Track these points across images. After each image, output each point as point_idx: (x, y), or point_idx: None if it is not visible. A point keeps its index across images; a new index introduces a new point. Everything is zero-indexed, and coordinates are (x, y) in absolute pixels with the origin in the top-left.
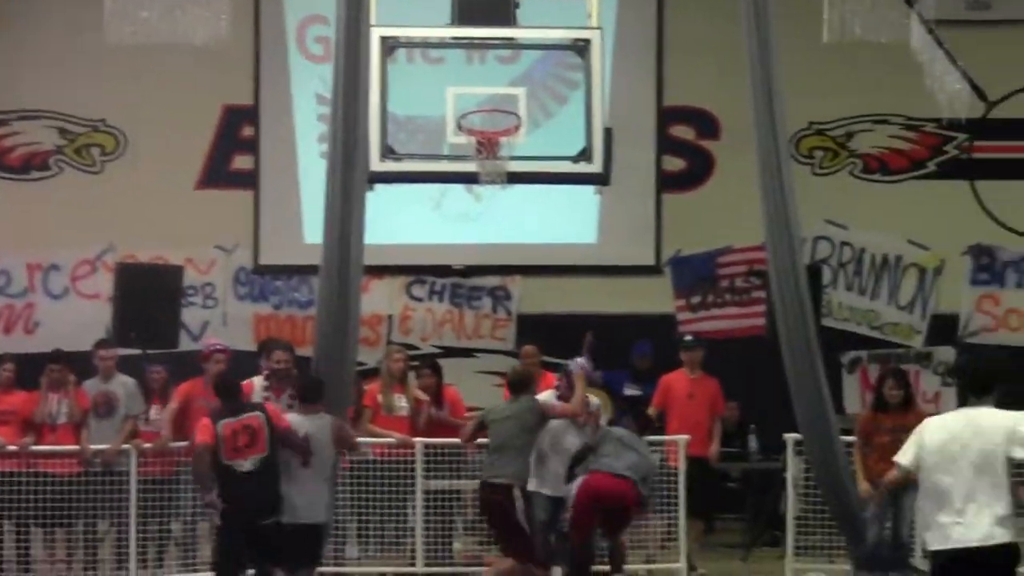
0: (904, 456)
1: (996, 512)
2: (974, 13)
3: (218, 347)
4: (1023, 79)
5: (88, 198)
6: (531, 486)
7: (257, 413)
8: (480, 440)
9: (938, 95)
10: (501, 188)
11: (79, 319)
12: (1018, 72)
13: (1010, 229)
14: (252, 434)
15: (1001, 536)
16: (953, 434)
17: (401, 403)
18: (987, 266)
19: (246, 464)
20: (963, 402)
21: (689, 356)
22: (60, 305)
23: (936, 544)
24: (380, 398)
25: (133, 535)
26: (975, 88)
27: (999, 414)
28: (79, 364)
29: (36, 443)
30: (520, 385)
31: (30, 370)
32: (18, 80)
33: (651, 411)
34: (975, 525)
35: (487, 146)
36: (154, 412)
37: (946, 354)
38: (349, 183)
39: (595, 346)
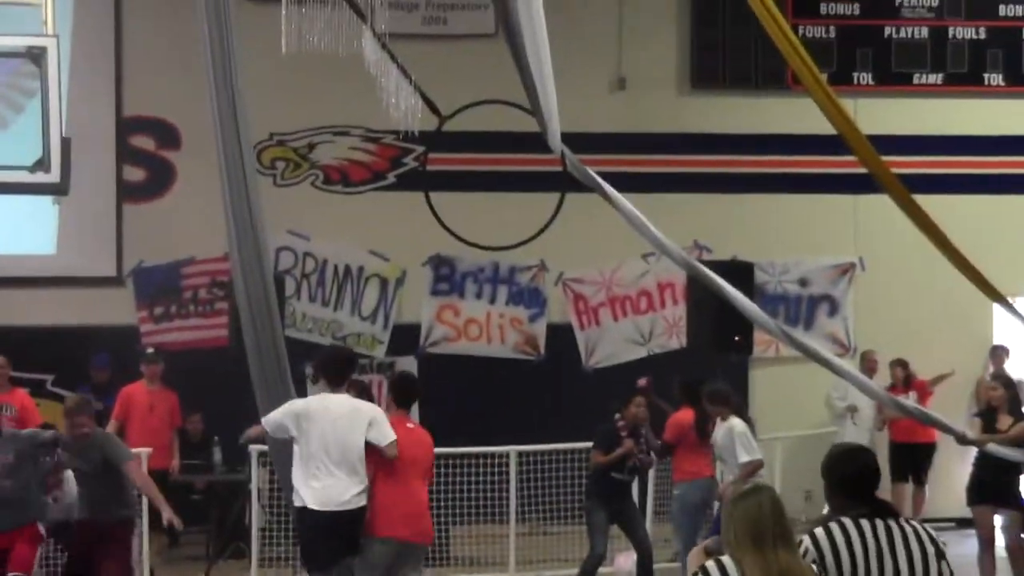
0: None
1: None
2: (429, 28)
3: None
4: (476, 93)
5: None
6: None
7: None
8: None
9: (392, 108)
10: None
11: None
12: (471, 86)
13: (466, 241)
14: None
15: None
16: None
17: None
18: (447, 276)
19: None
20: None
21: (149, 368)
22: None
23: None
24: None
25: None
26: (428, 102)
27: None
28: None
29: None
30: None
31: None
32: None
33: (112, 424)
34: None
35: None
36: None
37: (409, 364)
38: None
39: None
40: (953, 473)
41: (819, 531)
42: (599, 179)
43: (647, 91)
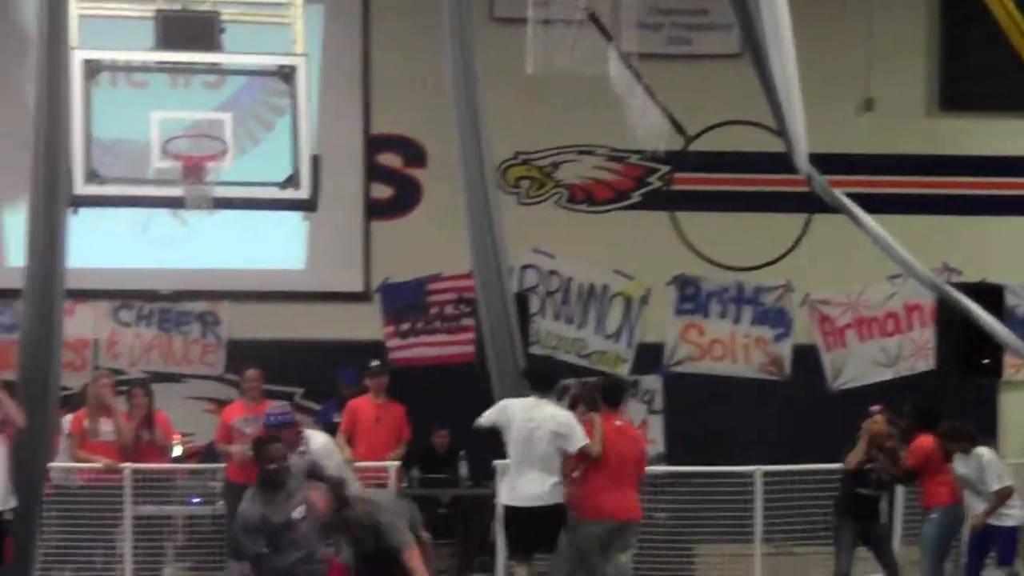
0: None
1: None
2: (675, 48)
3: None
4: (722, 114)
5: None
6: None
7: None
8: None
9: (637, 128)
10: (208, 213)
11: None
12: (717, 107)
13: (711, 260)
14: None
15: None
16: None
17: (107, 428)
18: (691, 296)
19: None
20: None
21: (374, 382)
22: None
23: None
24: (86, 423)
25: None
26: (674, 122)
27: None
28: None
29: None
30: None
31: None
32: None
33: (340, 436)
34: None
35: (193, 171)
36: None
37: (653, 383)
38: (52, 206)
39: None
40: None
41: None
42: (846, 200)
43: (895, 112)
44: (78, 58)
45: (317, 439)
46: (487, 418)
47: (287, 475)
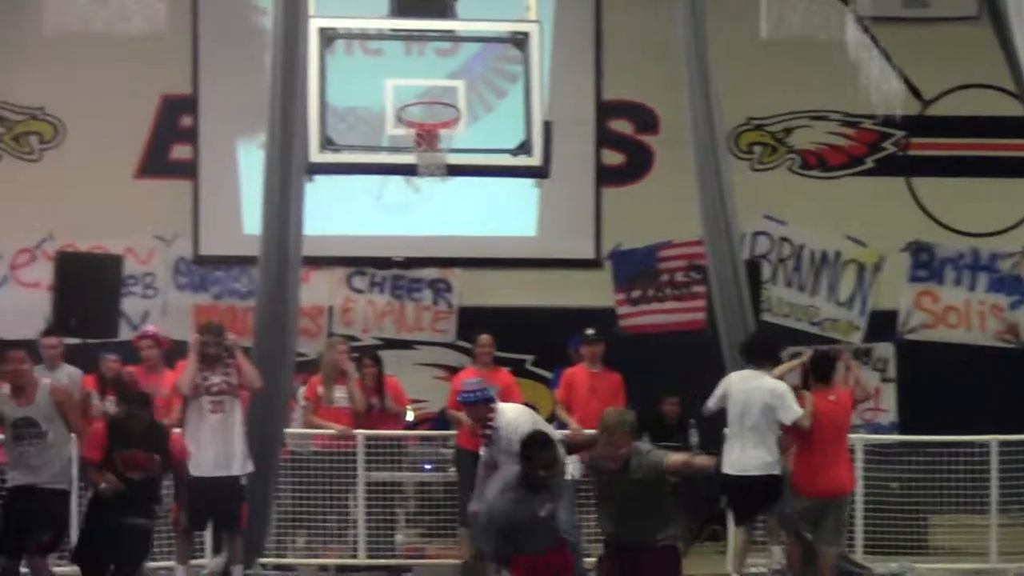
0: None
1: None
2: (911, 11)
3: (147, 334)
4: (959, 77)
5: (27, 186)
6: None
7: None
8: None
9: (873, 92)
10: (441, 180)
11: (18, 308)
12: (954, 70)
13: (946, 227)
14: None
15: None
16: None
17: (341, 394)
18: (926, 263)
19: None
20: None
21: (590, 350)
22: None
23: None
24: (321, 390)
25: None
26: (910, 86)
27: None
28: None
29: None
30: None
31: None
32: None
33: (559, 405)
34: None
35: (426, 138)
36: (109, 404)
37: (885, 350)
38: (287, 174)
39: None
40: None
41: None
42: None
43: None
44: (314, 26)
45: (507, 414)
46: (713, 402)
47: (554, 481)
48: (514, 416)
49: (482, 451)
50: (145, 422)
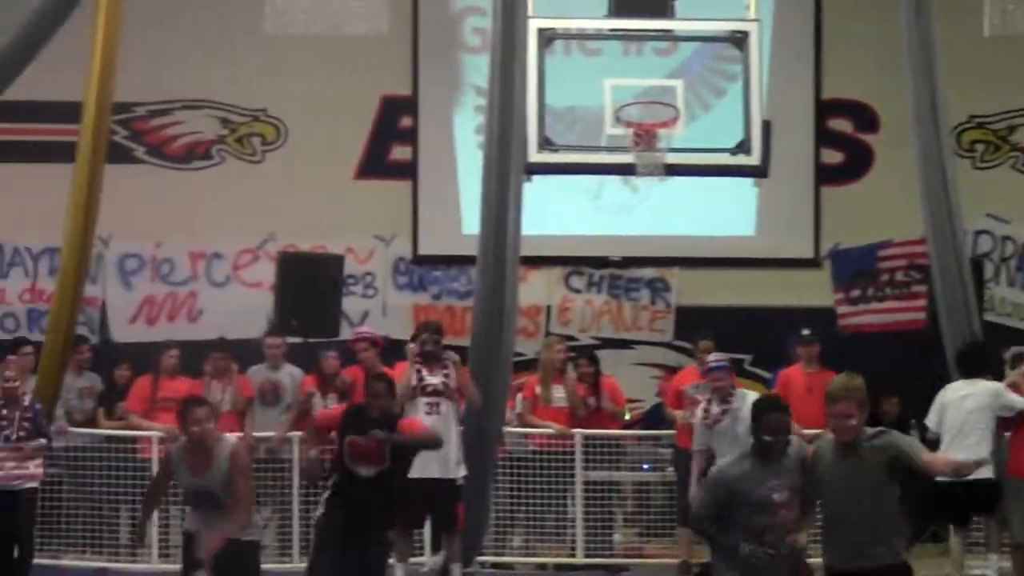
0: None
1: None
2: None
3: (364, 335)
4: None
5: (249, 187)
6: None
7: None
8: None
9: None
10: (659, 180)
11: (241, 307)
12: None
13: None
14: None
15: None
16: None
17: (559, 394)
18: None
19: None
20: None
21: (806, 350)
22: (222, 293)
23: None
24: (539, 389)
25: (296, 522)
26: None
27: None
28: (242, 352)
29: None
30: None
31: (193, 357)
32: (181, 70)
33: None
34: None
35: (644, 138)
36: (331, 401)
37: None
38: (506, 174)
39: None
40: None
41: None
42: None
43: None
44: (533, 27)
45: (748, 397)
46: (933, 422)
47: (783, 454)
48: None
49: (696, 440)
50: (382, 408)
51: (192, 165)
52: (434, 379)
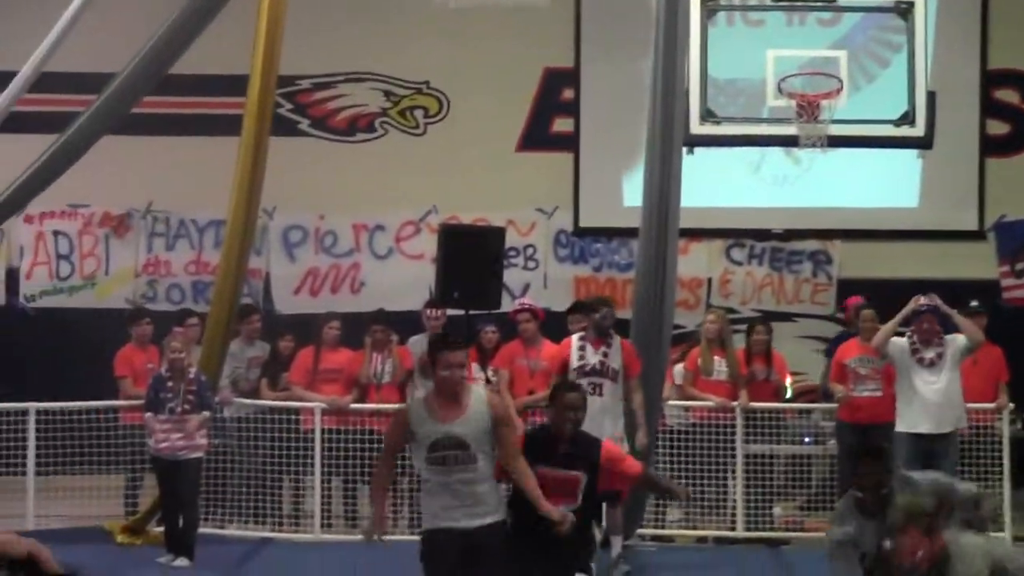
0: None
1: None
2: None
3: (525, 306)
4: None
5: (411, 160)
6: None
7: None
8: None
9: None
10: (821, 151)
11: (403, 279)
12: None
13: None
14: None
15: None
16: None
17: (720, 367)
18: None
19: None
20: None
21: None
22: (384, 265)
23: None
24: (700, 361)
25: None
26: None
27: None
28: (403, 324)
29: (362, 401)
30: None
31: (355, 329)
32: (345, 43)
33: None
34: None
35: (807, 109)
36: (490, 373)
37: None
38: (668, 146)
39: None
40: None
41: None
42: None
43: None
44: None
45: (960, 340)
46: None
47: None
48: None
49: None
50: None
51: (355, 138)
52: (595, 359)
